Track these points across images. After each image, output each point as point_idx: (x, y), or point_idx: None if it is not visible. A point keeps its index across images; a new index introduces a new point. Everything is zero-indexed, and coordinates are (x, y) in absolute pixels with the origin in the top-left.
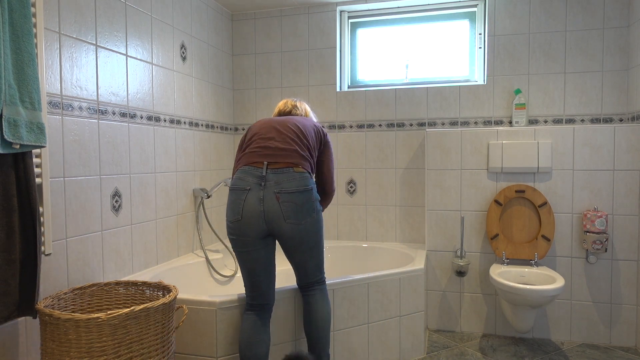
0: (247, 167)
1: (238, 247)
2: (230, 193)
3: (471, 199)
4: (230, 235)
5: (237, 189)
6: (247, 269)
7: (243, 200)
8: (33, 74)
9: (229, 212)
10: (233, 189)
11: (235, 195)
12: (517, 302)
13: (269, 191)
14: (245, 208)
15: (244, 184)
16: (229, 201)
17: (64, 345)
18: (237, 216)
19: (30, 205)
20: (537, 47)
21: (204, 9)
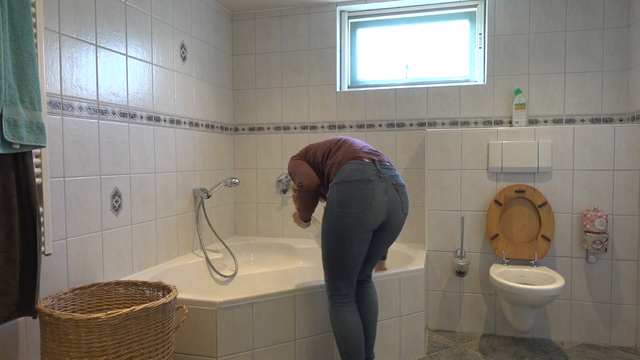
0: (357, 162)
1: (354, 236)
2: (349, 184)
3: (471, 199)
4: (346, 225)
5: (359, 179)
6: (353, 260)
7: (371, 190)
8: (33, 74)
9: (353, 202)
10: (354, 180)
11: (359, 185)
12: (517, 302)
13: (389, 183)
14: (374, 198)
15: (367, 175)
16: (350, 192)
17: (64, 345)
18: (365, 206)
19: (30, 205)
20: (537, 47)
21: (204, 9)
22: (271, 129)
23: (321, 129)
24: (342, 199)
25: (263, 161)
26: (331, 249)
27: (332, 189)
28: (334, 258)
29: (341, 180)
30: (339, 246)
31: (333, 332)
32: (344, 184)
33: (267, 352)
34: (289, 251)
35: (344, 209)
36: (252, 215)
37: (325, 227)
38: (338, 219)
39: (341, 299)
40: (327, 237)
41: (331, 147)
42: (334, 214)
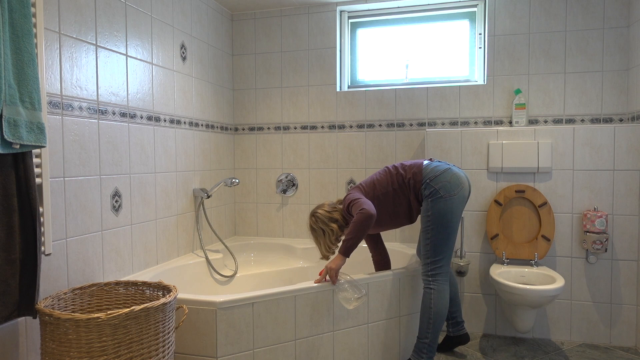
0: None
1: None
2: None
3: (471, 199)
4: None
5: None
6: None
7: (456, 174)
8: (33, 74)
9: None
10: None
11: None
12: (517, 302)
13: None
14: (460, 178)
15: (445, 164)
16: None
17: (64, 345)
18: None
19: (30, 205)
20: (537, 47)
21: (204, 9)
22: (271, 129)
23: (321, 129)
24: (444, 187)
25: (263, 161)
26: (442, 233)
27: (428, 186)
28: (444, 240)
29: (433, 176)
30: (448, 228)
31: (425, 305)
32: (438, 177)
33: (267, 352)
34: (289, 251)
35: (449, 193)
36: (252, 215)
37: (436, 213)
38: (446, 203)
39: (444, 275)
40: (437, 222)
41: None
42: (442, 200)
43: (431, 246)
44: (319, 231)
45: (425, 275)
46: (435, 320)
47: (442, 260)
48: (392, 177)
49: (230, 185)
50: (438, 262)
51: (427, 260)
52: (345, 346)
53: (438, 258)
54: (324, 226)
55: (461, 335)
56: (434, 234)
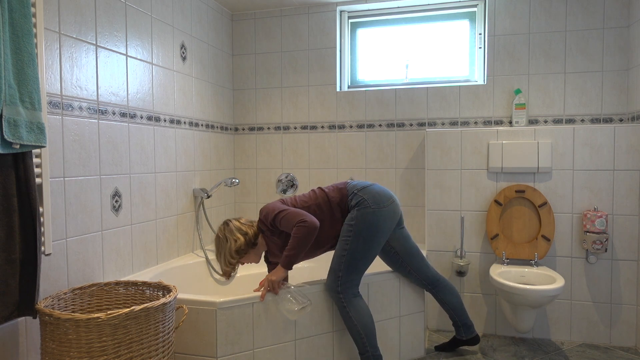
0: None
1: (386, 229)
2: (372, 186)
3: (471, 199)
4: (381, 219)
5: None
6: (376, 253)
7: (387, 189)
8: (33, 74)
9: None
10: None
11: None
12: (517, 302)
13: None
14: (391, 194)
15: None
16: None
17: (64, 345)
18: (391, 199)
19: (30, 205)
20: (537, 47)
21: (204, 9)
22: (271, 129)
23: (321, 129)
24: (373, 197)
25: (263, 161)
26: (361, 246)
27: (357, 196)
28: (361, 254)
29: (362, 187)
30: (370, 242)
31: (349, 324)
32: (367, 188)
33: (267, 352)
34: None
35: (378, 205)
36: (252, 215)
37: (360, 225)
38: (375, 215)
39: (354, 289)
40: (359, 234)
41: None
42: (370, 211)
43: (347, 259)
44: (223, 240)
45: (334, 291)
46: (366, 333)
47: (356, 275)
48: (316, 195)
49: (230, 185)
50: (350, 278)
51: (339, 274)
52: (344, 346)
53: (351, 274)
54: (230, 235)
55: (473, 337)
56: (353, 246)
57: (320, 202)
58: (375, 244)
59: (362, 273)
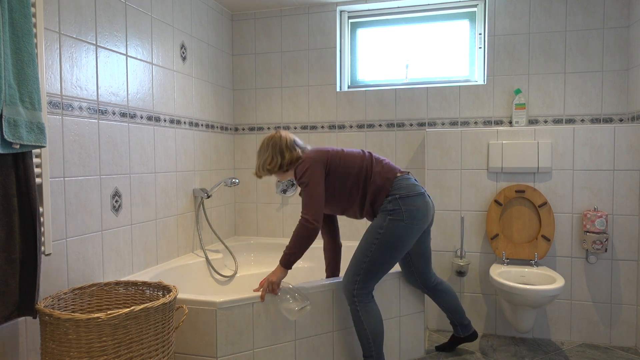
0: (404, 176)
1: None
2: (414, 198)
3: (471, 199)
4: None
5: (418, 193)
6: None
7: (427, 202)
8: (33, 74)
9: (419, 215)
10: (416, 194)
11: (421, 198)
12: (517, 302)
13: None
14: (429, 208)
15: (419, 188)
16: (416, 205)
17: (64, 345)
18: (428, 217)
19: (30, 205)
20: (537, 47)
21: (204, 9)
22: (271, 129)
23: (321, 129)
24: (410, 212)
25: None
26: (386, 256)
27: (396, 202)
28: (383, 264)
29: (406, 195)
30: (394, 253)
31: (359, 327)
32: (410, 198)
33: (267, 352)
34: None
35: (411, 221)
36: (252, 215)
37: (389, 235)
38: (405, 229)
39: (369, 296)
40: (386, 244)
41: (368, 162)
42: (402, 225)
43: (367, 265)
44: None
45: (350, 294)
46: (374, 338)
47: (373, 281)
48: (363, 164)
49: (230, 185)
50: (367, 284)
51: (357, 278)
52: (344, 346)
53: (369, 281)
54: (272, 150)
55: (471, 334)
56: (377, 255)
57: (358, 178)
58: (399, 254)
59: (378, 281)
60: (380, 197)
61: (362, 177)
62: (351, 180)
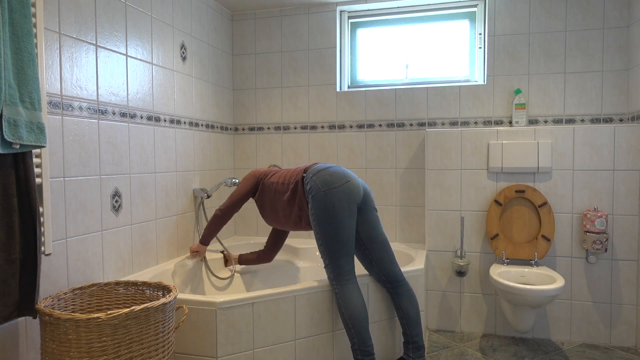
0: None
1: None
2: (325, 170)
3: (471, 199)
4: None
5: (330, 166)
6: (346, 233)
7: (342, 171)
8: (33, 74)
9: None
10: (327, 167)
11: (334, 168)
12: (517, 302)
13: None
14: (347, 174)
15: (335, 165)
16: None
17: (64, 345)
18: (345, 179)
19: (30, 205)
20: (537, 47)
21: (204, 9)
22: (271, 129)
23: (321, 129)
24: (324, 180)
25: (263, 161)
26: (328, 230)
27: (311, 181)
28: (333, 237)
29: (315, 171)
30: (335, 224)
31: (340, 312)
32: (320, 172)
33: (267, 352)
34: (289, 251)
35: (329, 187)
36: (252, 215)
37: (316, 210)
38: (326, 197)
39: (345, 276)
40: (321, 219)
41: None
42: (322, 195)
43: (323, 247)
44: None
45: (330, 279)
46: (353, 324)
47: (339, 260)
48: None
49: (230, 186)
50: (335, 262)
51: (326, 262)
52: (345, 346)
53: (334, 260)
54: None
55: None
56: (321, 233)
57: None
58: (340, 225)
59: (346, 257)
60: (301, 188)
61: (284, 183)
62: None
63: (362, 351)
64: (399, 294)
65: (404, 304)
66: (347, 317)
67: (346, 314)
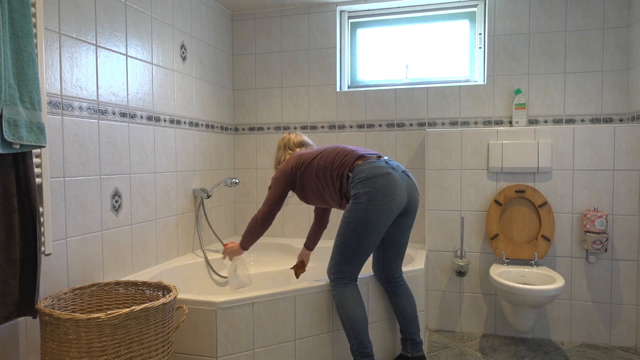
0: (367, 161)
1: (379, 227)
2: (373, 180)
3: (471, 199)
4: (374, 217)
5: (378, 174)
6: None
7: (392, 180)
8: (33, 74)
9: (379, 195)
10: (375, 175)
11: (381, 179)
12: (517, 302)
13: (399, 171)
14: (396, 187)
15: (383, 169)
16: (375, 186)
17: (64, 345)
18: (391, 196)
19: (30, 205)
20: (537, 47)
21: (204, 9)
22: (271, 129)
23: (321, 129)
24: (369, 194)
25: (263, 161)
26: (352, 240)
27: (356, 187)
28: (353, 248)
29: (364, 177)
30: (361, 237)
31: (339, 314)
32: (368, 180)
33: (267, 352)
34: (289, 251)
35: (372, 203)
36: (252, 215)
37: (351, 218)
38: (366, 212)
39: (345, 280)
40: (350, 228)
41: (335, 154)
42: (362, 207)
43: (338, 249)
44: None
45: (330, 277)
46: (351, 325)
47: (347, 267)
48: (329, 159)
49: (230, 185)
50: (342, 268)
51: (332, 262)
52: (345, 346)
53: (343, 265)
54: (282, 150)
55: (419, 357)
56: (344, 238)
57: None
58: (366, 240)
59: (355, 266)
60: (346, 185)
61: (329, 172)
62: (320, 177)
63: (361, 353)
64: (398, 293)
65: (402, 303)
66: (345, 319)
67: (344, 315)
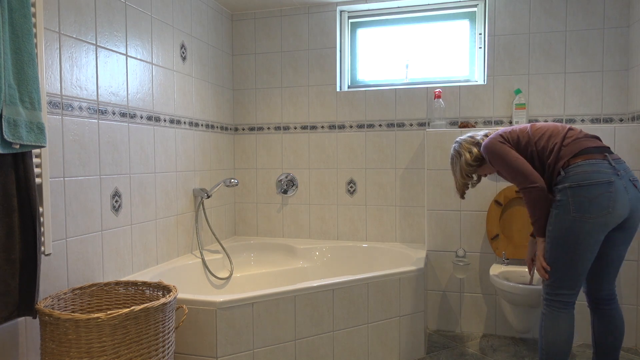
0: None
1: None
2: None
3: (471, 199)
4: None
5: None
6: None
7: (613, 192)
8: (33, 74)
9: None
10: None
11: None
12: (517, 302)
13: (626, 180)
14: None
15: (605, 176)
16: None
17: (63, 345)
18: (608, 209)
19: (30, 205)
20: (537, 47)
21: (204, 9)
22: (271, 129)
23: (321, 129)
24: (580, 204)
25: (263, 161)
26: (560, 255)
27: (564, 192)
28: (562, 264)
29: (576, 184)
30: (570, 252)
31: (540, 335)
32: (581, 189)
33: (267, 352)
34: (289, 251)
35: (582, 215)
36: (252, 215)
37: (556, 231)
38: (574, 224)
39: (559, 304)
40: (557, 242)
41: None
42: (569, 218)
43: (552, 268)
44: (456, 155)
45: (543, 297)
46: (547, 351)
47: (561, 289)
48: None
49: (229, 185)
50: (554, 290)
51: (545, 282)
52: (345, 346)
53: (555, 286)
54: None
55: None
56: (552, 253)
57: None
58: (577, 258)
59: (572, 290)
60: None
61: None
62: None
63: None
64: (598, 315)
65: (601, 328)
66: (544, 344)
67: (545, 339)
